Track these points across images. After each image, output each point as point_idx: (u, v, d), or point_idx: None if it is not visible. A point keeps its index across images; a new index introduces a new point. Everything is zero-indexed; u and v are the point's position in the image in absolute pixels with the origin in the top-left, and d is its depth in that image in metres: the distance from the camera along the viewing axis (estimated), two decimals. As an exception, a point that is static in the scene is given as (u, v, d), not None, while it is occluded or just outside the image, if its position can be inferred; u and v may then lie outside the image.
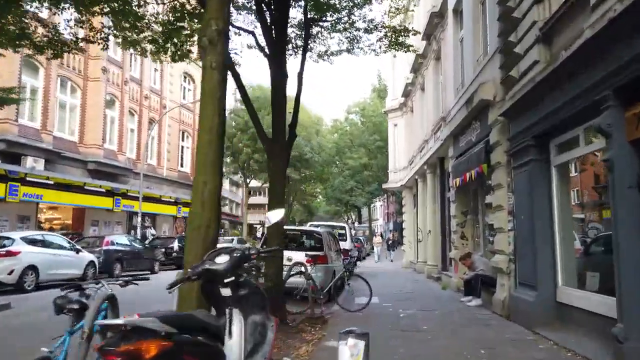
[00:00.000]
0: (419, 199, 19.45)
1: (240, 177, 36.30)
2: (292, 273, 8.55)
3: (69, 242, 14.46)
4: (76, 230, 22.06)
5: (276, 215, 3.49)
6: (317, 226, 17.22)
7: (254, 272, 6.53)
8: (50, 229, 20.32)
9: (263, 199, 72.05)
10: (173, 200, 28.98)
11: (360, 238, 36.43)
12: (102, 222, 23.95)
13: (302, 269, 8.55)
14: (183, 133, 32.33)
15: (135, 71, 27.12)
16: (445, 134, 12.60)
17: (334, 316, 8.38)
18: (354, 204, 39.68)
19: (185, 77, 32.52)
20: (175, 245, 21.39)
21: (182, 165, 32.12)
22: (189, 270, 3.04)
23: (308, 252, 9.63)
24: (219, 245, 3.88)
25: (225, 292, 3.08)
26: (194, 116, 33.07)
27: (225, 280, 3.05)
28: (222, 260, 3.11)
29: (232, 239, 30.75)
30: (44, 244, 13.12)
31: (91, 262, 14.45)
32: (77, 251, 14.13)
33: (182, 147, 32.25)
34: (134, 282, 3.54)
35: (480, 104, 9.15)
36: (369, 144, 40.33)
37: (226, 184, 53.06)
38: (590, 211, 6.88)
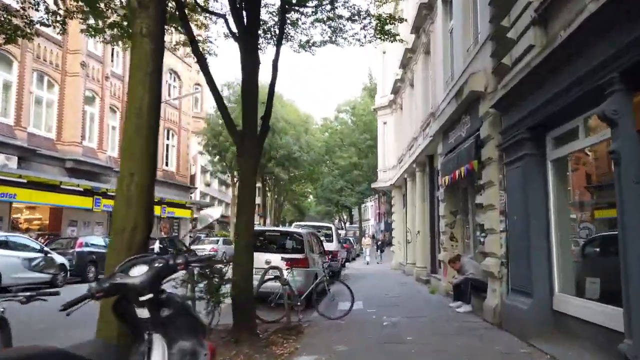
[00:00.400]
0: (408, 198, 18.85)
1: (228, 176, 35.44)
2: (266, 278, 7.88)
3: (38, 244, 13.66)
4: (53, 231, 21.22)
5: (215, 212, 2.82)
6: (302, 227, 16.56)
7: (216, 280, 5.87)
8: (27, 230, 19.49)
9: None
10: (157, 200, 28.14)
11: (350, 239, 35.85)
12: (81, 222, 23.09)
13: (278, 273, 7.87)
14: (168, 131, 31.50)
15: (118, 67, 26.29)
16: (434, 129, 11.99)
17: (312, 325, 7.72)
18: (344, 204, 39.03)
19: (170, 74, 31.69)
20: (156, 246, 20.60)
21: (167, 164, 31.29)
22: (92, 285, 2.36)
23: (284, 255, 8.94)
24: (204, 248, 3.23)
25: (142, 313, 2.41)
26: (179, 114, 32.38)
27: (141, 298, 2.38)
28: (138, 272, 2.43)
29: (218, 240, 30.02)
30: (9, 246, 12.32)
31: (61, 265, 13.66)
32: (46, 254, 13.33)
33: (167, 145, 31.41)
34: (40, 297, 2.84)
35: (470, 96, 8.54)
36: (359, 143, 39.75)
37: (215, 184, 52.23)
38: (589, 210, 6.28)
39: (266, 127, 7.06)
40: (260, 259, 9.49)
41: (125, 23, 8.20)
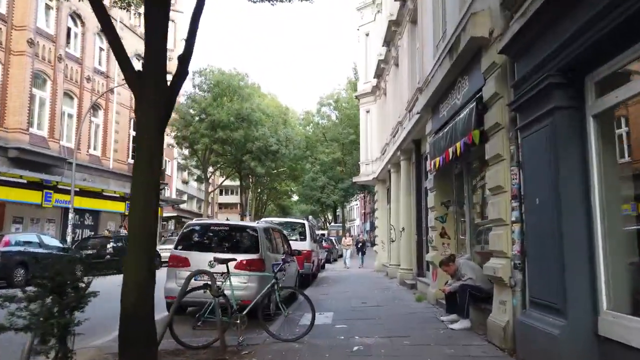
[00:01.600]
0: (392, 192, 16.84)
1: (201, 171, 32.95)
2: (190, 288, 5.75)
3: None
4: (-8, 229, 18.77)
5: None
6: (269, 222, 14.42)
7: (70, 293, 3.71)
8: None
9: (236, 198, 68.78)
10: (119, 196, 25.78)
11: (332, 238, 33.80)
12: (28, 219, 20.64)
13: (209, 279, 5.74)
14: (132, 121, 29.07)
15: (75, 49, 23.92)
16: (421, 104, 9.97)
17: (254, 352, 5.60)
18: (326, 202, 36.86)
19: (138, 58, 29.21)
20: (110, 246, 18.29)
21: (133, 158, 28.86)
22: None
23: (218, 255, 6.75)
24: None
25: None
26: (148, 103, 29.97)
27: None
28: None
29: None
30: None
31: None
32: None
33: (132, 136, 28.99)
34: None
35: (469, 46, 6.51)
36: (342, 138, 37.72)
37: (193, 182, 49.73)
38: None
39: (184, 70, 4.94)
40: (204, 260, 7.41)
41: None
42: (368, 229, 57.34)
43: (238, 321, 5.92)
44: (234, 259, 6.85)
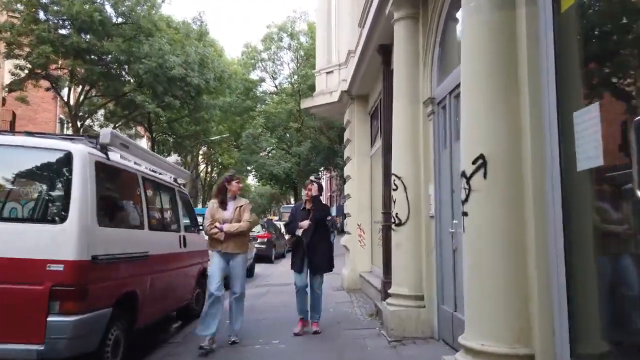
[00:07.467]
0: (401, 89, 5.94)
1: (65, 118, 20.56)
2: None
3: None
4: None
5: None
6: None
7: None
8: None
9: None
10: None
11: (279, 224, 22.67)
12: None
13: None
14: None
15: None
16: None
17: None
18: (272, 171, 25.79)
19: None
20: None
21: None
22: None
23: None
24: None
25: None
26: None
27: None
28: None
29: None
30: None
31: None
32: None
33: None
34: None
35: None
36: (299, 83, 26.72)
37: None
38: None
39: None
40: None
41: None
42: (335, 213, 46.81)
43: None
44: None
